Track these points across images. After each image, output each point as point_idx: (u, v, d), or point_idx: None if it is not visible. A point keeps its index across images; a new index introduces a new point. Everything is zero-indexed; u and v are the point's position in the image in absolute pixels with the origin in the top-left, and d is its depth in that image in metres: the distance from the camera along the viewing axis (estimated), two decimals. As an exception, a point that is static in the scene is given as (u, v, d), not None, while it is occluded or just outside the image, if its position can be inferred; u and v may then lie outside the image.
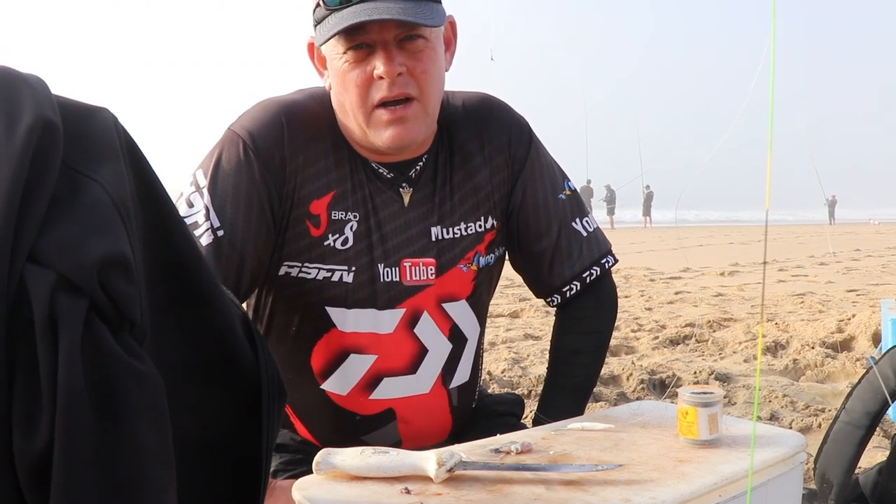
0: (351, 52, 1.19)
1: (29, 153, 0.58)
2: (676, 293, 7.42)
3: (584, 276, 1.40)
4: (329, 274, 1.25)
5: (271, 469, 1.31)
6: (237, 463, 0.74)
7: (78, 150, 0.63)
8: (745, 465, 1.05)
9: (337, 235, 1.25)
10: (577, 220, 1.41)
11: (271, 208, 1.22)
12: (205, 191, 1.20)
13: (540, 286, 1.44)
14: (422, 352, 1.31)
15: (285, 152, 1.22)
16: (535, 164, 1.39)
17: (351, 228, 1.26)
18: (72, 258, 0.58)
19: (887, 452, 1.95)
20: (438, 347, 1.33)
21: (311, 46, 1.28)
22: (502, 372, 3.77)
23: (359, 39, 1.18)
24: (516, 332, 4.92)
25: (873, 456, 2.27)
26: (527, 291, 5.38)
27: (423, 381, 1.32)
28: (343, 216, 1.26)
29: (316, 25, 1.22)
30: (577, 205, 1.42)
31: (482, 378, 1.51)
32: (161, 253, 0.68)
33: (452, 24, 1.31)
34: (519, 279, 1.50)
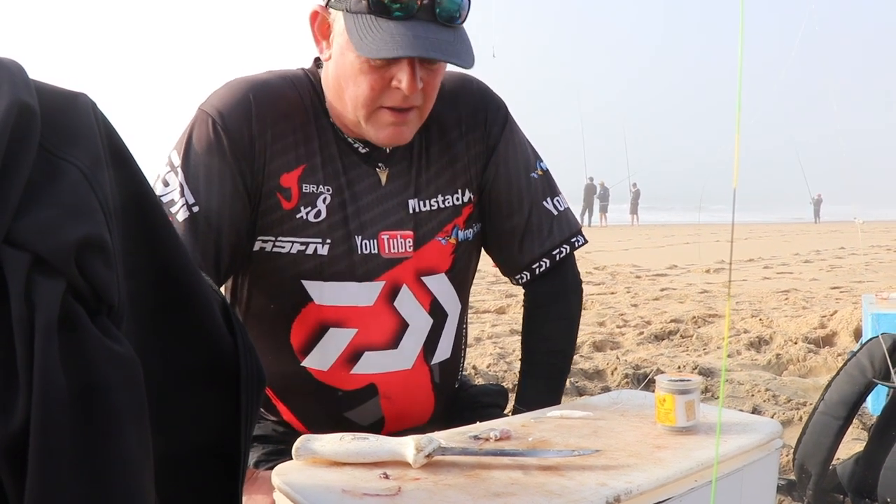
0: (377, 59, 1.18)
1: (5, 136, 0.59)
2: (662, 290, 7.46)
3: (554, 253, 1.43)
4: (303, 247, 1.27)
5: (254, 460, 1.32)
6: (219, 455, 0.74)
7: (55, 134, 0.63)
8: (721, 451, 1.07)
9: (309, 208, 1.27)
10: (549, 199, 1.44)
11: (244, 182, 1.25)
12: (179, 169, 1.23)
13: (510, 263, 1.45)
14: (402, 326, 1.33)
15: (253, 128, 1.25)
16: (509, 142, 1.42)
17: (324, 201, 1.28)
18: (49, 240, 0.58)
19: (865, 444, 1.97)
20: (419, 322, 1.34)
21: (315, 14, 1.26)
22: (488, 366, 3.79)
23: None
24: (502, 328, 4.94)
25: (851, 447, 2.30)
26: (513, 287, 5.39)
27: (405, 356, 1.33)
28: (315, 189, 1.28)
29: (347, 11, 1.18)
30: (549, 184, 1.45)
31: (465, 363, 1.52)
32: (148, 252, 0.68)
33: None
34: (506, 274, 1.52)
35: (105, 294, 0.61)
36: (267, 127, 1.26)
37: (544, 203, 1.43)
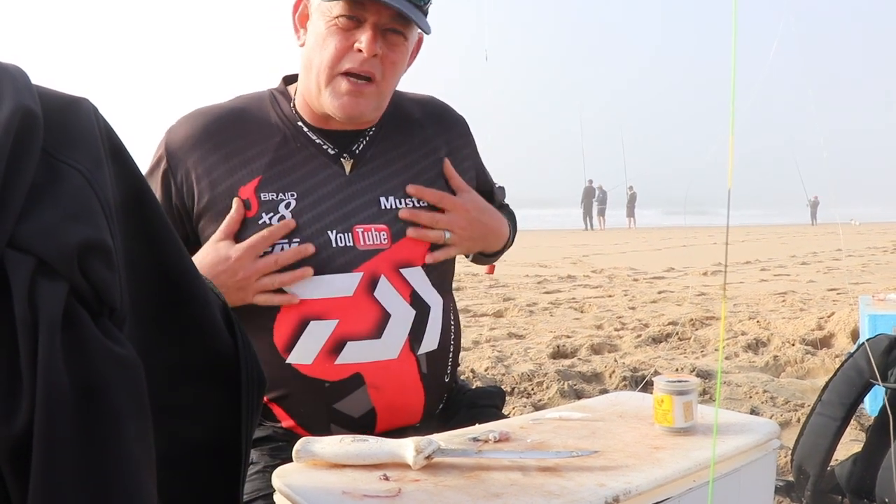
0: (343, 18, 1.31)
1: (9, 141, 0.59)
2: (660, 292, 7.48)
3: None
4: (270, 248, 1.33)
5: (259, 459, 1.33)
6: (221, 454, 0.75)
7: (58, 139, 0.64)
8: (719, 451, 1.07)
9: (272, 214, 1.34)
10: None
11: (171, 200, 1.38)
12: None
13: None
14: (384, 316, 1.35)
15: (196, 156, 1.37)
16: (479, 155, 1.60)
17: (287, 206, 1.35)
18: (52, 243, 0.58)
19: (863, 444, 1.98)
20: (401, 312, 1.37)
21: (298, 2, 1.40)
22: (486, 370, 3.80)
23: (358, 13, 1.31)
24: (500, 332, 4.95)
25: (849, 448, 2.31)
26: (511, 291, 5.46)
27: (390, 346, 1.36)
28: (274, 196, 1.35)
29: None
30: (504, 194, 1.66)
31: (461, 363, 1.54)
32: (148, 252, 0.69)
33: (420, 41, 1.46)
34: (504, 279, 1.60)
35: (107, 296, 0.62)
36: (213, 152, 1.37)
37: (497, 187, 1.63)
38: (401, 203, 1.40)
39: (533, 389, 3.49)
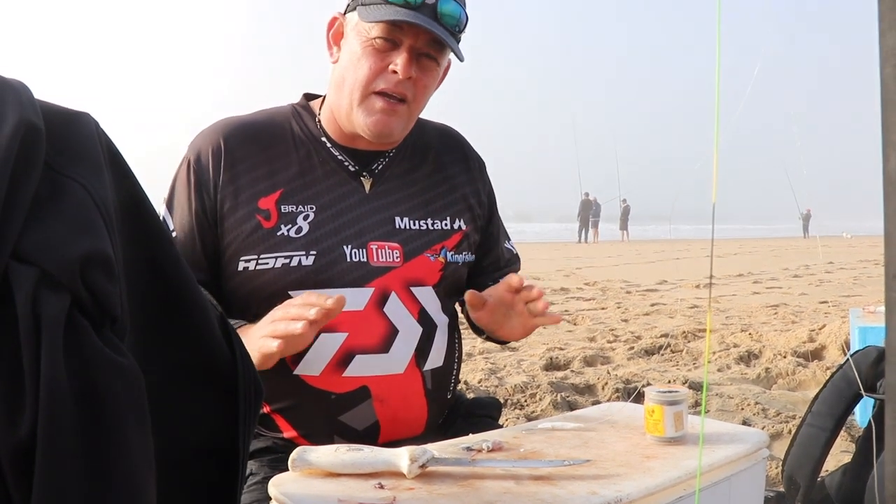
0: (380, 40, 1.35)
1: (12, 155, 0.60)
2: (652, 305, 7.50)
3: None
4: (287, 260, 1.36)
5: (257, 470, 1.34)
6: (218, 462, 0.76)
7: (60, 153, 0.65)
8: (709, 461, 1.09)
9: (290, 226, 1.37)
10: (507, 242, 1.69)
11: (204, 210, 1.39)
12: (164, 203, 1.42)
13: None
14: (392, 331, 1.38)
15: (221, 167, 1.39)
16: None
17: (305, 218, 1.38)
18: (55, 255, 0.60)
19: (852, 455, 1.99)
20: (408, 329, 1.39)
21: (334, 20, 1.44)
22: (479, 382, 3.80)
23: (395, 36, 1.34)
24: (493, 343, 4.95)
25: (840, 458, 2.32)
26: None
27: (396, 360, 1.38)
28: (294, 209, 1.38)
29: (361, 4, 1.36)
30: (505, 230, 1.71)
31: (459, 376, 1.55)
32: (145, 259, 0.70)
33: (448, 67, 1.49)
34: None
35: (108, 307, 0.63)
36: (238, 161, 1.40)
37: (507, 245, 1.68)
38: (415, 224, 1.44)
39: (526, 401, 3.49)
